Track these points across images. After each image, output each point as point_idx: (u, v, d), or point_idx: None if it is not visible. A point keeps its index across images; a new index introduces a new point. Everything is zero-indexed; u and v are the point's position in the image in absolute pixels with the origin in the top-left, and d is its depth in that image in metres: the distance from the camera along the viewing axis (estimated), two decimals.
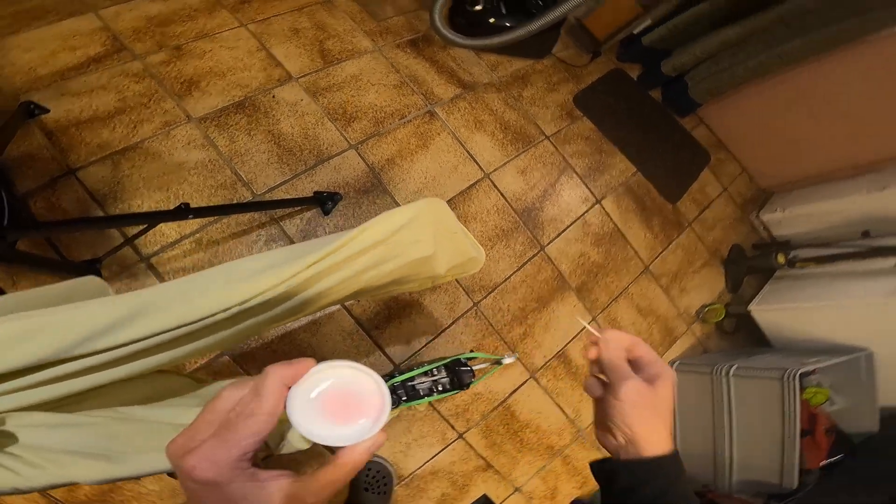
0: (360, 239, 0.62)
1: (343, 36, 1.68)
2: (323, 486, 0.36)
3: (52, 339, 0.49)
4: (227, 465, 0.34)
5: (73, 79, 1.30)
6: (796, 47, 1.81)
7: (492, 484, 1.45)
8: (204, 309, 0.55)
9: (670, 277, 1.92)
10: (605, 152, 1.97)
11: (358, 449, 0.37)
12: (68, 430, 0.54)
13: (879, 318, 1.62)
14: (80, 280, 0.77)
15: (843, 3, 1.65)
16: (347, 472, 0.37)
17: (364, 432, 0.38)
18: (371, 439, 0.38)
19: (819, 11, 1.70)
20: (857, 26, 1.67)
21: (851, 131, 2.01)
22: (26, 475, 0.50)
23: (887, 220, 1.87)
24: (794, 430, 1.47)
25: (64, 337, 0.50)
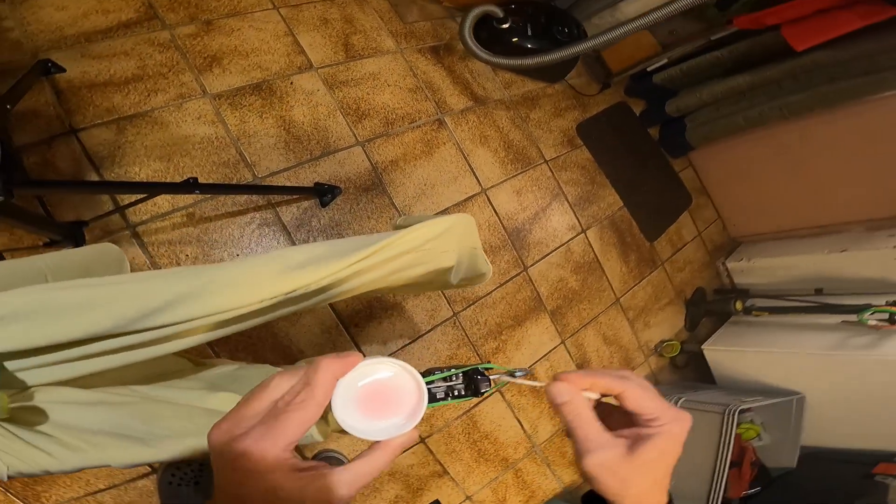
0: (400, 243, 0.65)
1: (369, 32, 1.68)
2: (355, 478, 0.36)
3: (113, 311, 0.48)
4: (273, 454, 0.34)
5: (97, 42, 1.27)
6: (798, 101, 1.90)
7: (445, 490, 1.53)
8: (255, 295, 0.56)
9: (637, 311, 2.04)
10: (597, 184, 2.05)
11: (392, 444, 0.38)
12: (104, 410, 0.53)
13: (817, 369, 1.78)
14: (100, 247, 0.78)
15: (855, 62, 1.74)
16: (380, 465, 0.38)
17: (398, 428, 0.38)
18: (405, 435, 0.38)
19: (829, 68, 1.80)
20: (862, 86, 1.77)
21: (822, 193, 2.15)
22: (60, 457, 0.48)
23: (841, 280, 2.03)
24: (726, 461, 1.63)
25: (124, 311, 0.48)
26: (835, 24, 1.61)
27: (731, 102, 2.09)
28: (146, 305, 0.49)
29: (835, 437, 1.86)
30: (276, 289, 0.57)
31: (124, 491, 1.17)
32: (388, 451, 0.38)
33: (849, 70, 1.77)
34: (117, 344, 0.49)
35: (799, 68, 1.84)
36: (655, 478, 0.41)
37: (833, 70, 1.80)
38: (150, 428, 0.54)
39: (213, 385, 0.75)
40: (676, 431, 0.41)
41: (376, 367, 0.39)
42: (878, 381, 1.65)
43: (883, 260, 1.91)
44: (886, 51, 1.67)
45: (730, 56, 1.97)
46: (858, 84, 1.77)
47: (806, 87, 1.88)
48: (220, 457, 0.34)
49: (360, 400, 0.38)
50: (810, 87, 1.87)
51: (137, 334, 0.50)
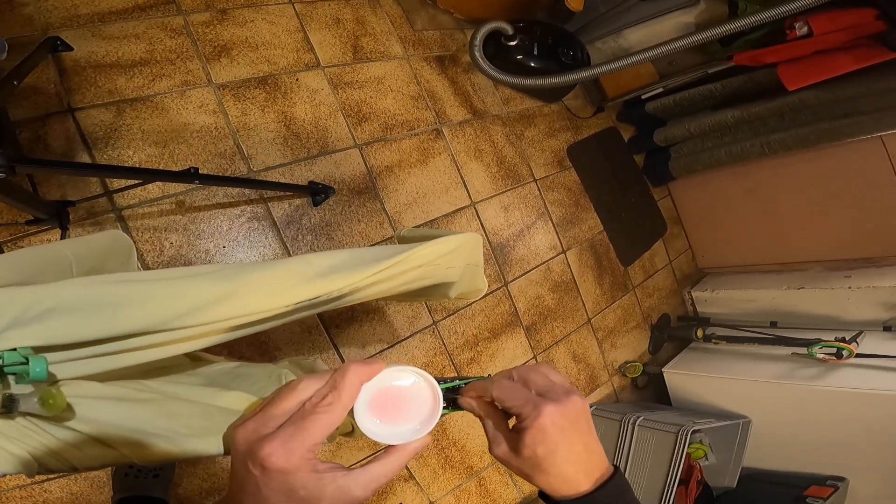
0: (417, 256, 0.69)
1: (379, 36, 1.69)
2: (371, 480, 0.37)
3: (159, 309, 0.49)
4: (299, 454, 0.34)
5: (110, 23, 1.25)
6: (780, 139, 1.99)
7: (409, 494, 1.58)
8: (284, 299, 0.58)
9: (606, 332, 2.13)
10: (581, 206, 2.12)
11: (408, 448, 0.39)
12: (128, 406, 0.53)
13: (765, 396, 1.90)
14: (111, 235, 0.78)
15: (839, 104, 1.83)
16: (395, 468, 0.39)
17: (414, 434, 0.40)
18: (420, 440, 0.40)
19: (815, 108, 1.88)
20: (841, 128, 1.85)
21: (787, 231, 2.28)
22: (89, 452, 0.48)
23: (795, 315, 2.16)
24: (676, 479, 1.73)
25: (161, 310, 0.49)
26: (830, 65, 1.68)
27: (716, 136, 2.17)
28: (190, 304, 0.50)
29: (773, 459, 1.99)
30: (304, 294, 0.59)
31: (73, 480, 1.15)
32: (403, 454, 0.39)
33: (832, 111, 1.86)
34: (149, 341, 0.50)
35: (786, 107, 1.93)
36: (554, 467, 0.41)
37: (818, 110, 1.89)
38: (172, 425, 0.54)
39: (217, 382, 0.75)
40: (544, 424, 0.40)
41: (398, 375, 0.41)
42: (819, 409, 1.78)
43: (836, 299, 2.05)
44: (868, 95, 1.77)
45: (722, 90, 2.05)
46: (837, 126, 1.86)
47: (790, 125, 1.97)
48: (247, 455, 0.35)
49: (380, 405, 0.40)
50: (794, 126, 1.96)
51: (170, 332, 0.51)
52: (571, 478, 0.42)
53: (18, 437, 0.44)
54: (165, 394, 0.60)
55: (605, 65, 1.65)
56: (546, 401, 0.41)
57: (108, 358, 0.50)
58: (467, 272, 0.83)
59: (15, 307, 0.42)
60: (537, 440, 0.40)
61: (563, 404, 0.41)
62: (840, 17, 1.63)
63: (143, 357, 0.52)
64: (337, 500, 0.36)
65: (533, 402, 0.41)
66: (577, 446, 0.41)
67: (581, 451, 0.42)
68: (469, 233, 0.79)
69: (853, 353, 1.72)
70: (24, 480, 1.10)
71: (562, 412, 0.41)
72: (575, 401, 0.42)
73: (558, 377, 0.45)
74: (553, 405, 0.40)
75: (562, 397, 0.42)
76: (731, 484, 1.97)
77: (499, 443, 0.43)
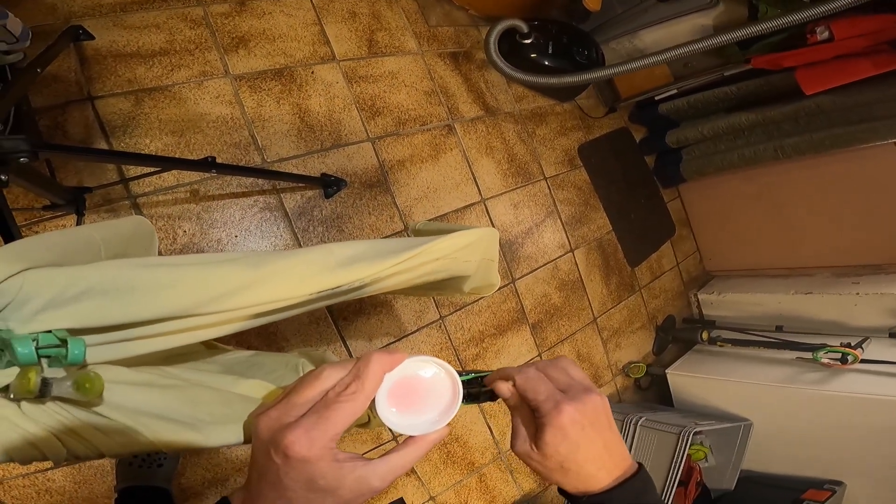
0: (436, 249, 0.68)
1: (394, 31, 1.70)
2: (390, 471, 0.37)
3: (188, 294, 0.48)
4: (321, 443, 0.34)
5: (132, 13, 1.27)
6: (793, 144, 1.97)
7: (410, 489, 1.59)
8: (307, 287, 0.58)
9: (611, 332, 2.14)
10: (590, 206, 2.13)
11: (426, 439, 0.39)
12: (153, 392, 0.52)
13: (767, 399, 1.90)
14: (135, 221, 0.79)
15: (855, 110, 1.81)
16: (413, 459, 0.39)
17: (432, 425, 0.40)
18: (438, 432, 0.40)
19: (830, 113, 1.87)
20: (855, 133, 1.84)
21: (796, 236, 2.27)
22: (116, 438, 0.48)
23: (800, 319, 2.16)
24: (676, 480, 1.74)
25: (191, 295, 0.48)
26: (849, 70, 1.67)
27: (729, 139, 2.16)
28: (217, 290, 0.50)
29: (772, 462, 1.99)
30: (326, 283, 0.59)
31: (77, 469, 1.16)
32: (421, 445, 0.39)
33: (847, 117, 1.85)
34: (178, 326, 0.50)
35: (802, 111, 1.91)
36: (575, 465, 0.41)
37: (833, 115, 1.87)
38: (195, 412, 0.53)
39: (233, 370, 0.76)
40: (563, 423, 0.40)
41: (420, 365, 0.41)
42: (821, 414, 1.78)
43: (844, 305, 2.04)
44: (884, 101, 1.75)
45: (738, 93, 2.03)
46: (852, 131, 1.85)
47: (804, 130, 1.95)
48: (269, 443, 0.35)
49: (400, 395, 0.40)
50: (808, 131, 1.94)
51: (198, 318, 0.50)
52: (592, 475, 0.42)
53: (49, 423, 0.43)
54: (188, 380, 0.59)
55: (620, 65, 1.64)
56: (566, 399, 0.41)
57: (137, 342, 0.49)
58: (482, 267, 0.84)
59: (51, 288, 0.42)
60: (558, 439, 0.41)
61: (582, 402, 0.41)
62: (861, 23, 1.62)
63: (170, 342, 0.52)
64: (355, 490, 0.36)
65: (554, 399, 0.41)
66: (596, 444, 0.42)
67: (601, 449, 0.42)
68: (487, 227, 0.79)
69: (858, 358, 1.72)
70: (27, 469, 1.10)
71: (581, 411, 0.41)
72: (594, 399, 0.42)
73: (578, 373, 0.46)
74: (572, 404, 0.41)
75: (581, 395, 0.42)
76: (730, 486, 1.98)
77: (522, 439, 0.44)
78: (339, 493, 0.35)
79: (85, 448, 0.46)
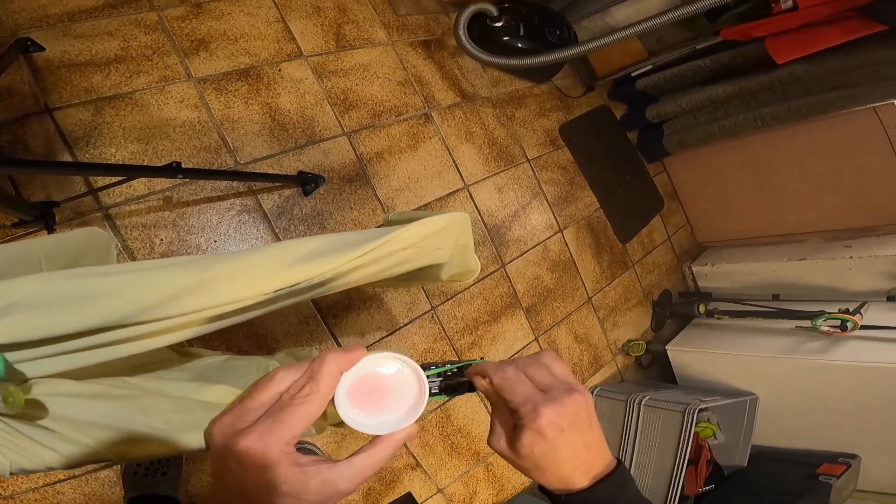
0: (401, 238, 0.66)
1: (361, 23, 1.67)
2: (356, 473, 0.36)
3: (130, 300, 0.47)
4: (277, 448, 0.33)
5: (81, 21, 1.23)
6: (772, 113, 1.98)
7: (417, 482, 1.57)
8: (262, 287, 0.56)
9: (607, 311, 2.12)
10: (576, 185, 2.10)
11: (394, 438, 0.38)
12: (104, 403, 0.51)
13: (770, 371, 1.88)
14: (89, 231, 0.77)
15: (829, 77, 1.81)
16: (382, 459, 0.38)
17: (399, 422, 0.39)
18: (406, 430, 0.38)
19: (805, 82, 1.86)
20: (833, 100, 1.84)
21: (785, 203, 2.26)
22: (64, 452, 0.47)
23: (797, 287, 2.15)
24: (685, 459, 1.71)
25: (141, 300, 0.47)
26: (818, 38, 1.67)
27: (708, 111, 2.16)
28: (160, 295, 0.49)
29: (784, 437, 1.97)
30: (282, 281, 0.57)
31: (85, 482, 1.14)
32: (389, 445, 0.38)
33: (822, 84, 1.84)
34: (121, 335, 0.49)
35: (776, 80, 1.91)
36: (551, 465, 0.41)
37: (808, 84, 1.87)
38: (151, 421, 0.53)
39: (204, 377, 0.74)
40: (541, 426, 0.39)
41: (380, 362, 0.40)
42: (825, 384, 1.76)
43: (838, 269, 2.03)
44: (858, 67, 1.75)
45: (711, 65, 2.03)
46: (829, 99, 1.84)
47: (781, 99, 1.95)
48: (223, 451, 0.34)
49: (363, 394, 0.39)
50: (785, 100, 1.94)
51: (142, 325, 0.49)
52: (568, 476, 0.41)
53: None
54: (146, 390, 0.59)
55: (593, 41, 1.62)
56: (545, 401, 0.40)
57: (79, 354, 0.48)
58: (457, 253, 0.81)
59: None
60: (534, 441, 0.40)
61: (562, 404, 0.40)
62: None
63: (118, 352, 0.50)
64: (322, 493, 0.35)
65: (532, 401, 0.40)
66: (575, 445, 0.41)
67: (580, 449, 0.41)
68: (456, 212, 0.77)
69: (857, 325, 1.70)
70: (37, 483, 1.10)
71: (560, 413, 0.40)
72: (576, 399, 0.41)
73: (561, 369, 0.44)
74: (551, 406, 0.40)
75: (562, 396, 0.41)
76: (742, 463, 1.95)
77: (499, 436, 0.43)
78: (305, 497, 0.34)
79: (31, 461, 0.46)
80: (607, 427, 1.95)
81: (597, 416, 0.43)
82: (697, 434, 1.94)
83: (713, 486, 1.89)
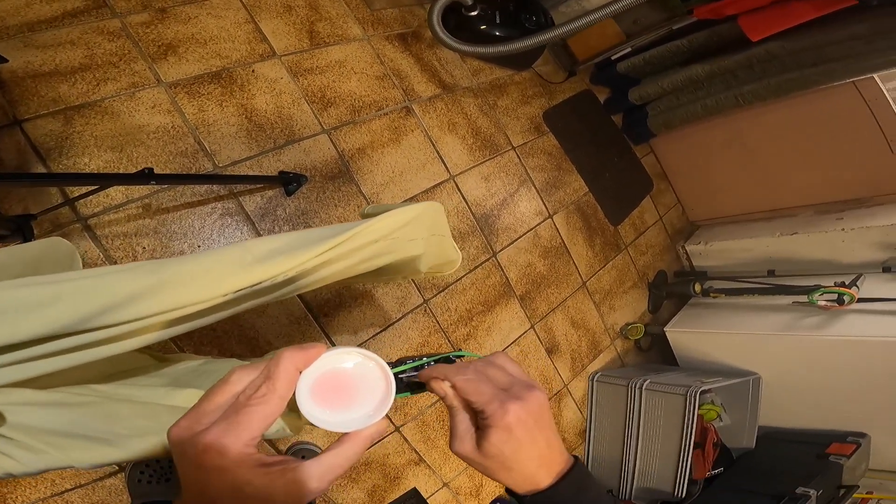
0: (368, 232, 0.65)
1: (335, 20, 1.65)
2: (326, 472, 0.36)
3: (69, 309, 0.46)
4: (236, 450, 0.33)
5: (42, 31, 1.21)
6: (752, 90, 1.97)
7: (422, 478, 1.55)
8: (220, 288, 0.54)
9: (603, 294, 2.10)
10: (563, 170, 2.09)
11: (362, 435, 0.37)
12: (63, 411, 0.51)
13: (770, 348, 1.86)
14: (49, 242, 0.75)
15: (806, 53, 1.81)
16: (351, 457, 0.37)
17: (368, 419, 0.38)
18: (375, 425, 0.38)
19: (782, 58, 1.86)
20: (812, 76, 1.84)
21: (774, 178, 2.25)
22: (22, 459, 0.47)
23: (791, 261, 2.14)
24: (690, 442, 1.68)
25: (82, 307, 0.46)
26: (790, 14, 1.66)
27: (689, 91, 2.15)
28: (104, 302, 0.47)
29: (791, 417, 1.95)
30: (240, 282, 0.56)
31: (92, 490, 1.15)
32: (358, 442, 0.37)
33: (800, 60, 1.84)
34: (74, 342, 0.48)
35: (754, 58, 1.91)
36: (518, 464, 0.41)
37: (785, 60, 1.87)
38: (111, 427, 0.53)
39: (179, 381, 0.73)
40: (510, 423, 0.39)
41: (342, 358, 0.39)
42: (827, 361, 1.74)
43: (831, 242, 2.02)
44: (834, 42, 1.74)
45: (689, 45, 2.02)
46: (807, 74, 1.84)
47: (760, 76, 1.94)
48: (182, 455, 0.34)
49: (326, 391, 0.38)
50: (764, 77, 1.93)
51: (95, 332, 0.48)
52: (534, 474, 0.41)
53: None
54: (112, 396, 0.58)
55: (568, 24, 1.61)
56: (511, 398, 0.40)
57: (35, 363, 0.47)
58: (432, 243, 0.80)
59: None
60: (503, 439, 0.40)
61: (526, 401, 0.40)
62: None
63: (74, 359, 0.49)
64: (291, 493, 0.34)
65: (499, 398, 0.40)
66: (539, 443, 0.41)
67: (543, 446, 0.41)
68: (428, 202, 0.75)
69: (854, 298, 1.68)
70: (43, 493, 1.10)
71: (527, 410, 0.40)
72: (537, 395, 0.41)
73: (516, 369, 0.44)
74: (518, 403, 0.40)
75: (524, 393, 0.41)
76: (750, 444, 1.93)
77: (463, 440, 0.42)
78: (274, 498, 0.34)
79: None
80: (611, 413, 1.93)
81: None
82: (702, 417, 1.91)
83: (722, 470, 1.87)
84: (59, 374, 0.55)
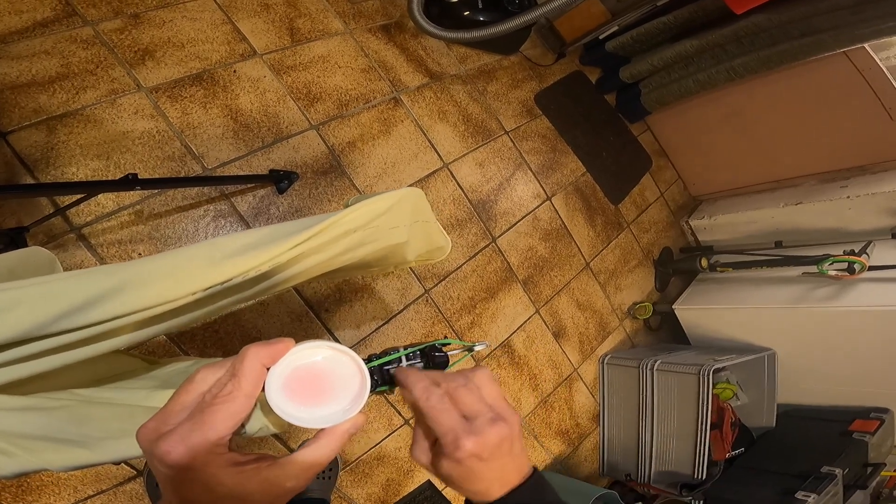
0: (344, 222, 0.63)
1: (314, 15, 1.63)
2: (302, 470, 0.35)
3: (29, 313, 0.45)
4: (202, 450, 0.32)
5: (14, 43, 1.19)
6: (743, 64, 1.94)
7: None
8: (187, 287, 0.53)
9: (608, 275, 2.07)
10: (559, 151, 2.06)
11: (338, 430, 0.37)
12: (35, 415, 0.51)
13: (783, 322, 1.81)
14: (27, 251, 0.74)
15: (793, 25, 1.78)
16: (328, 453, 0.37)
17: (343, 414, 0.37)
18: (350, 421, 0.37)
19: (771, 31, 1.83)
20: (801, 48, 1.80)
21: (774, 149, 2.21)
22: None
23: (798, 231, 2.09)
24: (707, 423, 1.63)
25: (41, 312, 0.46)
26: None
27: (680, 67, 2.12)
28: (68, 304, 0.46)
29: (809, 394, 1.90)
30: (210, 279, 0.54)
31: (113, 496, 1.16)
32: (335, 438, 0.37)
33: (788, 32, 1.81)
34: (41, 347, 0.47)
35: (741, 31, 1.88)
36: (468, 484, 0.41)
37: (773, 32, 1.84)
38: (86, 430, 0.52)
39: (167, 383, 0.72)
40: (461, 458, 0.39)
41: (311, 353, 0.38)
42: (841, 333, 1.68)
43: (837, 210, 1.97)
44: (821, 13, 1.71)
45: (675, 21, 1.99)
46: (797, 46, 1.81)
47: (749, 49, 1.91)
48: (151, 456, 0.33)
49: (300, 387, 0.37)
50: (753, 50, 1.90)
51: (63, 335, 0.48)
52: (484, 491, 0.41)
53: None
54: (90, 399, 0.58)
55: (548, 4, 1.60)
56: (467, 433, 0.39)
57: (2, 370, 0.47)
58: (417, 230, 0.77)
59: None
60: (452, 467, 0.40)
61: (484, 436, 0.39)
62: None
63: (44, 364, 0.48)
64: (267, 492, 0.34)
65: (454, 433, 0.39)
66: (493, 471, 0.41)
67: (497, 470, 0.41)
68: (407, 188, 0.73)
69: (865, 266, 1.62)
70: (67, 500, 1.12)
71: (482, 445, 0.39)
72: (500, 429, 0.40)
73: (491, 393, 0.42)
74: (472, 440, 0.38)
75: (485, 427, 0.39)
76: (770, 423, 1.88)
77: (422, 450, 0.42)
78: (250, 498, 0.34)
79: None
80: (624, 396, 1.89)
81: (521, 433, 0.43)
82: (717, 396, 1.85)
83: (743, 450, 1.81)
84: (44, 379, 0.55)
